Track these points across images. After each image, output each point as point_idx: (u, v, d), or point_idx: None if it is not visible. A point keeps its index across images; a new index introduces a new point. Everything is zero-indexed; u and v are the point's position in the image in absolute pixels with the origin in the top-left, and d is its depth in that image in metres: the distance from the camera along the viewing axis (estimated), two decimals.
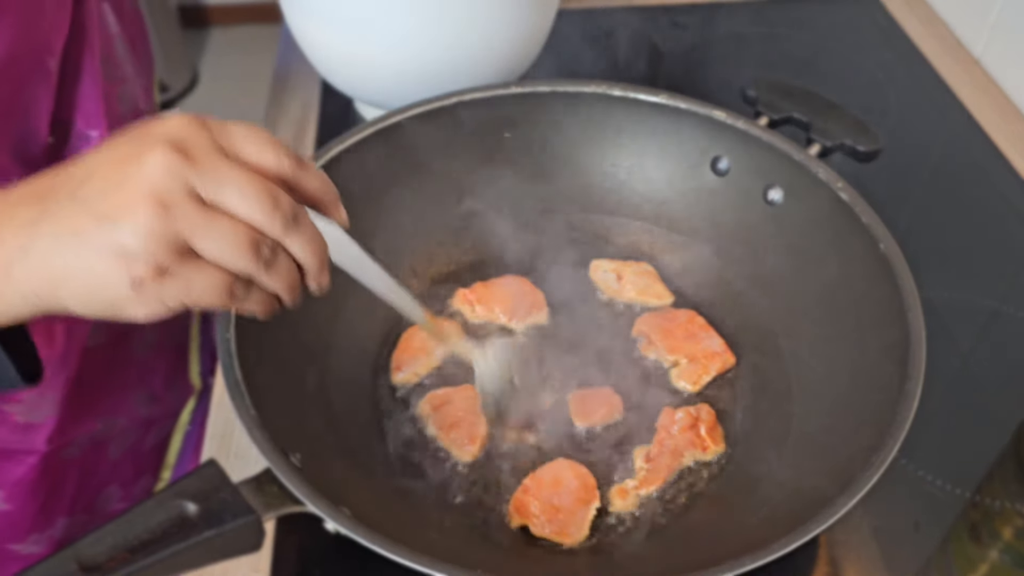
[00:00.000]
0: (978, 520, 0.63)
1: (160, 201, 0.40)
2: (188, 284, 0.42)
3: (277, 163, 0.44)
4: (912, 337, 0.57)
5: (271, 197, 0.43)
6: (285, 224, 0.43)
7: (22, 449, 0.70)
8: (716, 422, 0.64)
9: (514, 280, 0.73)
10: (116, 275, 0.41)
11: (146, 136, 0.42)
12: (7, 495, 0.71)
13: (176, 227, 0.41)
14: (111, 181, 0.42)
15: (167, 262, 0.41)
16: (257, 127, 0.45)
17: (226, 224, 0.42)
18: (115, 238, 0.41)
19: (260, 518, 0.47)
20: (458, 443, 0.63)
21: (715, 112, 0.72)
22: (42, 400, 0.69)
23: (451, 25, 0.77)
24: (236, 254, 0.42)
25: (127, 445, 0.81)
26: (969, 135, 0.94)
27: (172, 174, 0.41)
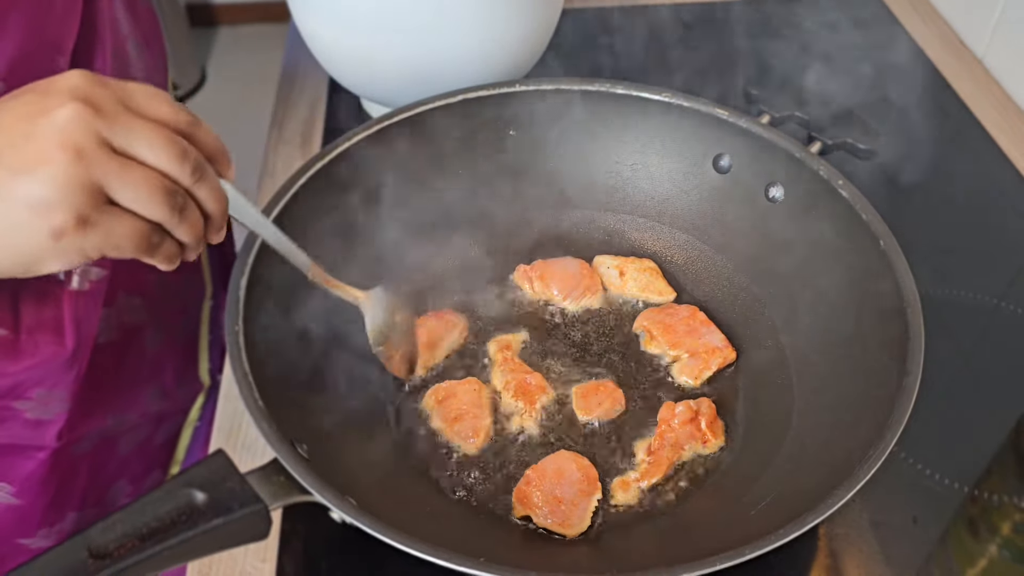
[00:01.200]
0: (977, 515, 0.64)
1: (75, 150, 0.41)
2: (108, 232, 0.43)
3: (175, 118, 0.46)
4: (911, 332, 0.57)
5: (180, 147, 0.44)
6: (194, 173, 0.45)
7: (32, 445, 0.70)
8: (716, 416, 0.65)
9: (573, 261, 0.75)
10: (35, 226, 0.42)
11: (50, 91, 0.43)
12: (17, 490, 0.71)
13: (93, 175, 0.41)
14: (19, 133, 0.42)
15: (87, 210, 0.42)
16: (153, 87, 0.46)
17: (140, 172, 0.43)
18: (32, 189, 0.41)
19: (267, 507, 0.48)
20: (462, 435, 0.64)
21: (717, 110, 0.73)
22: (52, 397, 0.69)
23: (457, 24, 0.78)
24: (153, 201, 0.43)
25: (137, 441, 0.82)
26: (970, 133, 0.94)
27: (84, 124, 0.41)
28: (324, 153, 0.69)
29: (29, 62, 0.58)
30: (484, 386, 0.67)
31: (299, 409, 0.58)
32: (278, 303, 0.61)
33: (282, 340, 0.60)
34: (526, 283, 0.74)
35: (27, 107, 0.43)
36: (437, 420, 0.65)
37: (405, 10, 0.77)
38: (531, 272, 0.75)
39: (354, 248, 0.70)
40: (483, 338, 0.71)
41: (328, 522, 0.51)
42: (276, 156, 0.93)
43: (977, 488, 0.65)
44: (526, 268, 0.75)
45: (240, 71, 2.80)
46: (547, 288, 0.74)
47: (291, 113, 0.98)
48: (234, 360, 0.55)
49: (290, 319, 0.61)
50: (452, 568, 0.47)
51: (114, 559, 0.44)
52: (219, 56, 2.89)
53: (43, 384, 0.68)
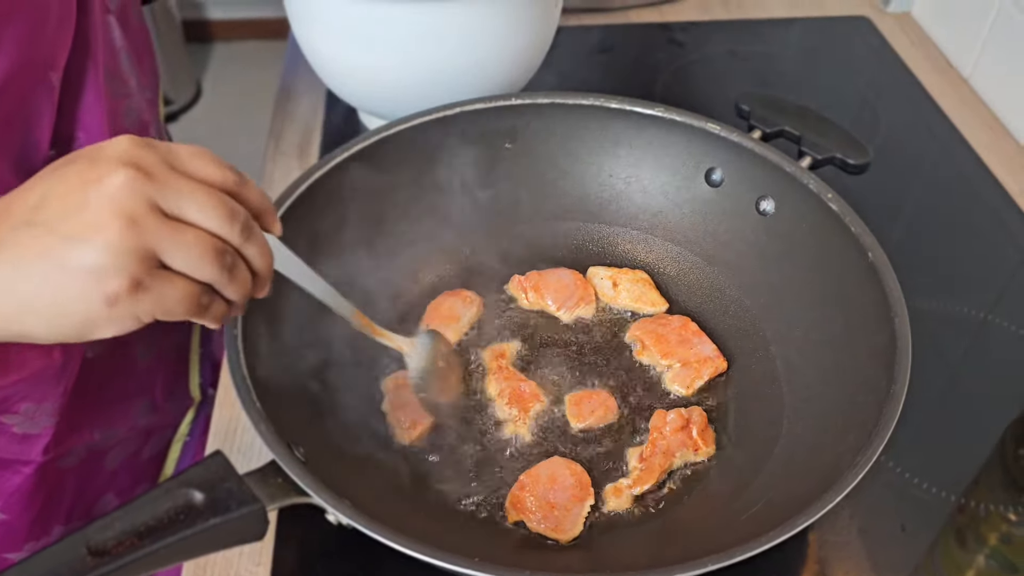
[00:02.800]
0: (965, 524, 0.65)
1: (128, 217, 0.42)
2: (161, 297, 0.43)
3: (223, 178, 0.46)
4: (899, 342, 0.58)
5: (228, 207, 0.45)
6: (243, 232, 0.45)
7: (19, 460, 0.70)
8: (707, 424, 0.65)
9: (567, 272, 0.76)
10: (90, 293, 0.42)
11: (99, 158, 0.44)
12: (2, 505, 0.71)
13: (146, 241, 0.42)
14: (72, 202, 0.42)
15: (141, 275, 0.42)
16: (199, 147, 0.47)
17: (191, 235, 0.44)
18: (86, 257, 0.41)
19: (265, 508, 0.49)
20: (401, 424, 0.65)
21: (709, 125, 0.74)
22: (40, 411, 0.69)
23: (454, 38, 0.79)
24: (204, 262, 0.44)
25: (125, 454, 0.81)
26: (956, 151, 0.96)
27: (135, 191, 0.42)
28: (321, 164, 0.69)
29: (22, 77, 0.58)
30: None
31: (296, 412, 0.58)
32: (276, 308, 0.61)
33: (280, 343, 0.60)
34: (521, 293, 0.75)
35: (78, 176, 0.43)
36: (387, 403, 0.67)
37: (403, 24, 0.78)
38: (526, 282, 0.76)
39: (351, 257, 0.70)
40: (477, 347, 0.72)
41: (323, 525, 0.51)
42: (274, 167, 0.94)
43: (965, 497, 0.65)
44: (521, 278, 0.76)
45: (235, 86, 2.81)
46: (541, 298, 0.75)
47: (289, 125, 0.99)
48: (232, 364, 0.55)
49: (288, 324, 0.62)
50: (448, 569, 0.48)
51: (112, 557, 0.45)
52: (214, 71, 2.90)
53: (31, 398, 0.67)
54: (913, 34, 1.14)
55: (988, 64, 1.03)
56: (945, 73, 1.07)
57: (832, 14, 1.17)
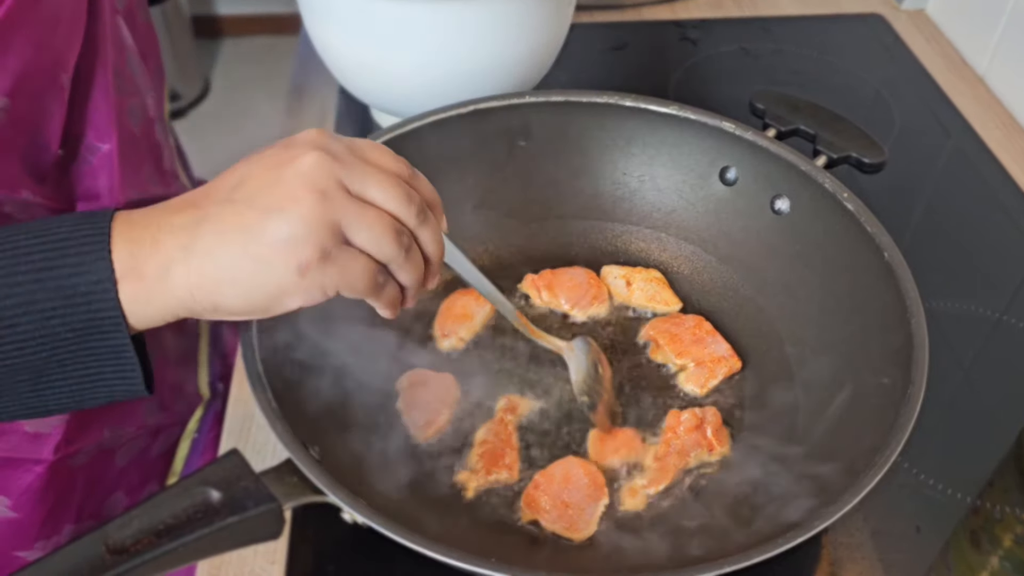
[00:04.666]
0: (979, 526, 0.64)
1: (319, 191, 0.45)
2: (344, 269, 0.46)
3: (397, 167, 0.50)
4: (915, 342, 0.58)
5: (406, 192, 0.48)
6: (419, 215, 0.49)
7: (29, 458, 0.70)
8: (722, 424, 0.65)
9: (581, 271, 0.76)
10: (284, 261, 0.45)
11: (293, 144, 0.48)
12: (13, 503, 0.71)
13: (335, 214, 0.45)
14: (268, 180, 0.46)
15: (329, 246, 0.45)
16: (376, 142, 0.51)
17: (373, 213, 0.47)
18: (282, 227, 0.45)
19: (281, 506, 0.49)
20: (415, 423, 0.65)
21: (724, 123, 0.74)
22: None
23: (468, 36, 0.79)
24: (383, 240, 0.47)
25: (134, 453, 0.82)
26: (972, 150, 0.95)
27: (325, 170, 0.46)
28: None
29: (34, 79, 0.59)
30: (456, 386, 0.68)
31: (310, 411, 0.58)
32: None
33: (294, 344, 0.60)
34: (534, 292, 0.75)
35: (274, 158, 0.47)
36: (401, 401, 0.66)
37: (417, 22, 0.78)
38: (539, 281, 0.75)
39: None
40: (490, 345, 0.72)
41: (337, 524, 0.51)
42: None
43: (979, 499, 0.65)
44: (534, 277, 0.76)
45: (243, 82, 2.82)
46: (555, 297, 0.75)
47: (301, 122, 0.99)
48: (248, 363, 0.55)
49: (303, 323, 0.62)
50: (463, 569, 0.48)
51: (131, 555, 0.45)
52: (223, 67, 2.91)
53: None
54: (927, 31, 1.13)
55: (1003, 61, 1.02)
56: (960, 71, 1.07)
57: (846, 11, 1.17)
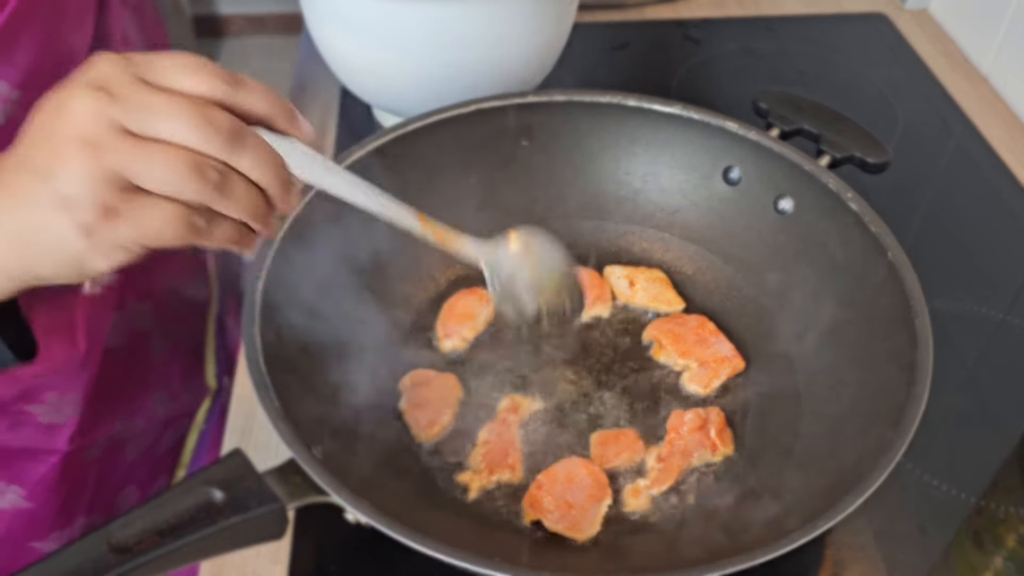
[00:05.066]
0: (982, 527, 0.64)
1: (87, 142, 0.40)
2: (140, 222, 0.41)
3: (209, 88, 0.42)
4: (919, 342, 0.58)
5: (204, 119, 0.41)
6: (226, 143, 0.42)
7: (44, 449, 0.71)
8: (725, 424, 0.65)
9: (584, 271, 0.76)
10: (65, 226, 0.41)
11: (68, 84, 0.42)
12: (28, 493, 0.72)
13: (110, 164, 0.40)
14: (41, 134, 0.41)
15: (112, 201, 0.40)
16: (187, 55, 0.43)
17: (160, 151, 0.41)
18: (55, 189, 0.40)
19: (284, 506, 0.49)
20: (419, 423, 0.65)
21: (727, 123, 0.74)
22: (65, 401, 0.70)
23: (471, 36, 0.79)
24: (180, 180, 0.41)
25: (143, 446, 0.82)
26: (976, 150, 0.95)
27: (95, 114, 0.40)
28: (338, 162, 0.69)
29: (44, 71, 0.59)
30: (459, 386, 0.68)
31: (313, 411, 0.58)
32: (294, 305, 0.61)
33: (297, 343, 0.61)
34: None
35: (48, 106, 0.42)
36: (404, 401, 0.66)
37: (420, 22, 0.78)
38: None
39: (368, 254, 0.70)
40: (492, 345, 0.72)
41: (340, 524, 0.51)
42: None
43: (983, 499, 0.65)
44: None
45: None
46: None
47: None
48: (251, 362, 0.55)
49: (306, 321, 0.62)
50: (467, 569, 0.47)
51: (134, 554, 0.45)
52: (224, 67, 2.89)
53: (56, 388, 0.69)
54: (931, 31, 1.13)
55: (1007, 61, 1.02)
56: (963, 70, 1.06)
57: (849, 11, 1.17)
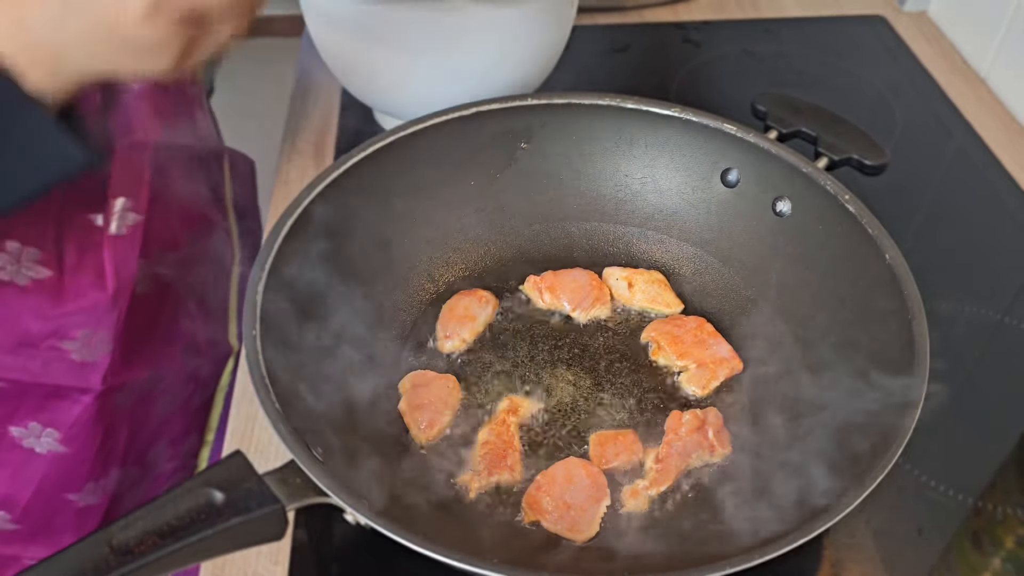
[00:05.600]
0: (980, 528, 0.64)
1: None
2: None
3: None
4: (917, 344, 0.58)
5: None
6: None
7: (78, 387, 0.74)
8: (723, 425, 0.65)
9: (582, 273, 0.76)
10: None
11: None
12: (64, 436, 0.74)
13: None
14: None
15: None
16: None
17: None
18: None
19: (284, 507, 0.49)
20: (418, 424, 0.65)
21: (726, 125, 0.74)
22: (96, 339, 0.73)
23: (470, 39, 0.79)
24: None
25: (174, 402, 0.85)
26: (974, 152, 0.95)
27: None
28: (338, 164, 0.70)
29: None
30: (458, 387, 0.68)
31: (313, 412, 0.58)
32: (295, 307, 0.62)
33: (297, 346, 0.61)
34: (536, 293, 0.76)
35: None
36: (404, 403, 0.66)
37: (420, 25, 0.78)
38: (541, 283, 0.76)
39: (369, 256, 0.71)
40: (491, 346, 0.72)
41: (340, 525, 0.52)
42: (290, 166, 0.94)
43: (981, 500, 0.65)
44: (536, 279, 0.76)
45: (246, 83, 2.82)
46: (557, 299, 0.75)
47: (304, 124, 0.99)
48: (252, 364, 0.56)
49: (306, 323, 0.62)
50: (466, 569, 0.48)
51: (135, 555, 0.45)
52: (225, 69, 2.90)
53: (87, 325, 0.72)
54: (929, 33, 1.13)
55: (1005, 63, 1.02)
56: (962, 73, 1.07)
57: (848, 13, 1.17)
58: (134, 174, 0.74)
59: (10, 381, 0.71)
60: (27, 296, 0.68)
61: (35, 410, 0.73)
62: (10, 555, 0.78)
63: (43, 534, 0.78)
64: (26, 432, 0.73)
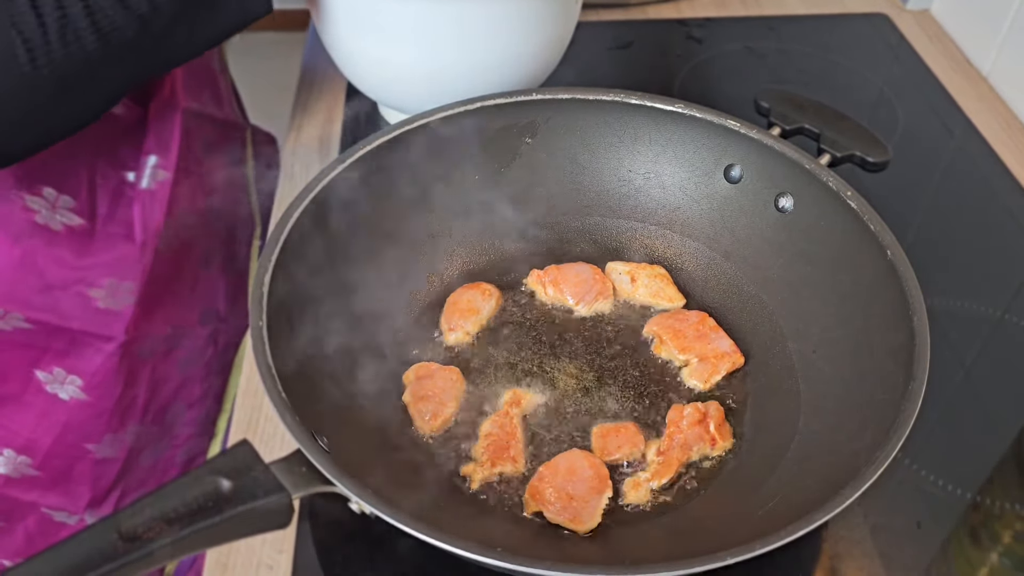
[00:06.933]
0: (978, 522, 0.65)
1: None
2: None
3: None
4: (917, 340, 0.58)
5: None
6: None
7: (102, 334, 0.76)
8: (724, 419, 0.66)
9: (585, 267, 0.77)
10: None
11: None
12: (86, 384, 0.77)
13: None
14: None
15: None
16: None
17: None
18: None
19: (291, 496, 0.50)
20: (422, 414, 0.65)
21: (729, 121, 0.75)
22: (121, 288, 0.75)
23: (476, 34, 0.80)
24: None
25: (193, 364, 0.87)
26: (975, 150, 0.96)
27: None
28: (343, 158, 0.70)
29: None
30: (462, 379, 0.68)
31: (319, 402, 0.59)
32: (301, 298, 0.62)
33: (304, 336, 0.61)
34: (539, 287, 0.76)
35: None
36: (408, 394, 0.67)
37: (425, 20, 0.78)
38: (544, 277, 0.76)
39: (376, 249, 0.71)
40: (495, 339, 0.73)
41: (345, 513, 0.52)
42: (295, 160, 0.95)
43: (979, 495, 0.66)
44: (539, 273, 0.77)
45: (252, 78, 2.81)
46: (560, 292, 0.75)
47: (309, 118, 1.00)
48: (258, 354, 0.56)
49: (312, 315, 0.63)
50: (469, 558, 0.48)
51: (143, 542, 0.46)
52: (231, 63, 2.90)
53: (114, 275, 0.75)
54: (932, 31, 1.13)
55: (1007, 62, 1.02)
56: (964, 70, 1.07)
57: (851, 11, 1.17)
58: (166, 134, 0.77)
59: (37, 323, 0.73)
60: (59, 241, 0.71)
61: (60, 355, 0.75)
62: (29, 501, 0.80)
63: (62, 483, 0.80)
64: (51, 377, 0.75)
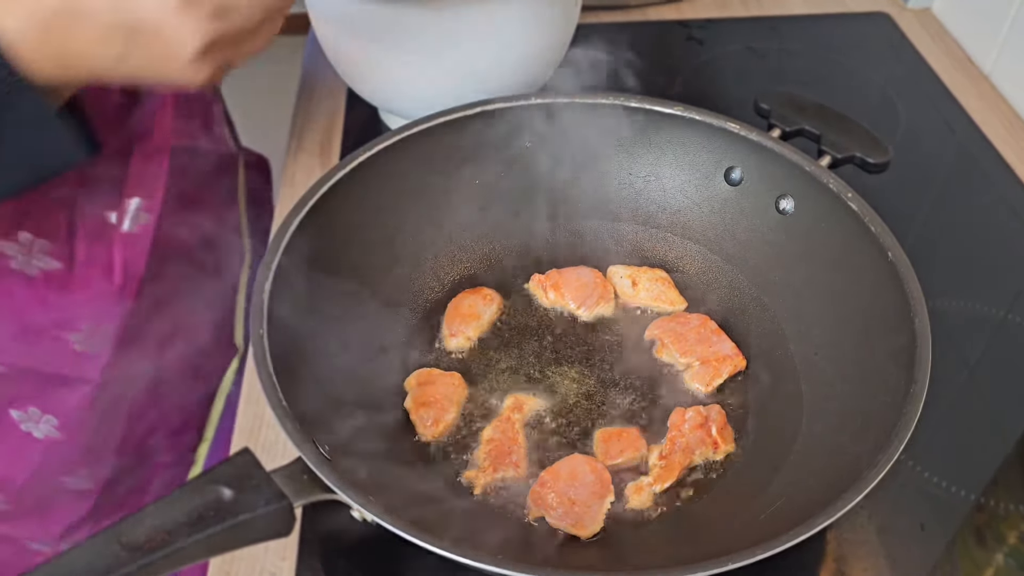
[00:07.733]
0: (983, 524, 0.65)
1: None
2: None
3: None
4: (919, 341, 0.58)
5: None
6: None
7: (77, 377, 0.75)
8: (726, 422, 0.66)
9: (587, 271, 0.77)
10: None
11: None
12: (61, 423, 0.76)
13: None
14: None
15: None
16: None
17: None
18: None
19: (292, 504, 0.50)
20: (424, 421, 0.65)
21: (729, 124, 0.74)
22: (98, 332, 0.74)
23: (475, 38, 0.80)
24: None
25: (175, 396, 0.86)
26: (977, 149, 0.96)
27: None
28: (344, 164, 0.70)
29: None
30: (464, 385, 0.68)
31: (320, 410, 0.59)
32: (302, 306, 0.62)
33: (305, 343, 0.61)
34: (541, 291, 0.76)
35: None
36: (410, 400, 0.67)
37: (425, 25, 0.79)
38: (546, 281, 0.76)
39: (373, 257, 0.71)
40: (496, 344, 0.73)
41: (347, 521, 0.52)
42: (296, 165, 0.95)
43: (984, 496, 0.66)
44: (541, 277, 0.77)
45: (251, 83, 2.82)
46: (561, 296, 0.75)
47: (309, 124, 1.00)
48: (259, 363, 0.56)
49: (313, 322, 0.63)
50: (471, 565, 0.48)
51: (145, 552, 0.46)
52: None
53: (92, 319, 0.73)
54: (933, 30, 1.13)
55: (1009, 60, 1.02)
56: (965, 69, 1.07)
57: (852, 10, 1.17)
58: (151, 176, 0.76)
59: (11, 366, 0.72)
60: (35, 286, 0.70)
61: (35, 395, 0.74)
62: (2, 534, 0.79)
63: (36, 515, 0.79)
64: (25, 416, 0.74)
